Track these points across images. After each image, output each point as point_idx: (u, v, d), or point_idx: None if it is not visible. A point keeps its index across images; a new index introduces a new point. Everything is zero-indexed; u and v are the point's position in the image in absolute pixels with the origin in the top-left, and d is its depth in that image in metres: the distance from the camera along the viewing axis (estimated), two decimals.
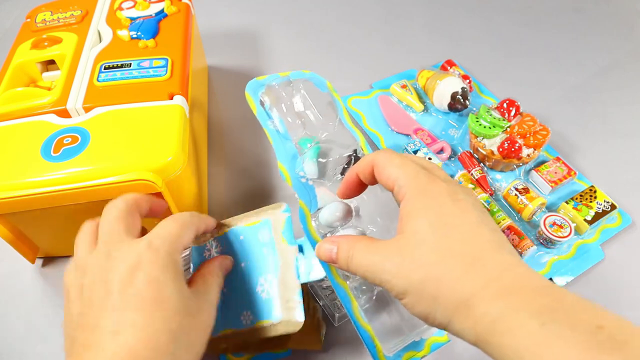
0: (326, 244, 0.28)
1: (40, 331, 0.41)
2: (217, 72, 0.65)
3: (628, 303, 0.42)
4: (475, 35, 0.71)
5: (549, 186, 0.48)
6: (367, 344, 0.31)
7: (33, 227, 0.40)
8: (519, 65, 0.66)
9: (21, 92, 0.41)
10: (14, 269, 0.44)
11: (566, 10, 0.76)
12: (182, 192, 0.39)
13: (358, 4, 0.78)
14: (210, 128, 0.57)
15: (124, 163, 0.36)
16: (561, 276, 0.43)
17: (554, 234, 0.43)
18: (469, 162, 0.50)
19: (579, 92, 0.62)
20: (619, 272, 0.44)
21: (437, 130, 0.56)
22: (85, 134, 0.37)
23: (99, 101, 0.40)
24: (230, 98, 0.62)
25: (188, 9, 0.51)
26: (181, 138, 0.38)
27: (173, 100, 0.40)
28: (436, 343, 0.33)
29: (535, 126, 0.49)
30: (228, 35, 0.72)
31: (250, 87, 0.38)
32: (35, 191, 0.34)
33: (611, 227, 0.46)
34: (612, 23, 0.73)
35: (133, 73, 0.42)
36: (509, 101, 0.50)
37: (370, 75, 0.63)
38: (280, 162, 0.35)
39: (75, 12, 0.49)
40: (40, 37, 0.46)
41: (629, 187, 0.50)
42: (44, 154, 0.36)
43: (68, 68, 0.43)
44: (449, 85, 0.54)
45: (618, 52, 0.68)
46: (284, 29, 0.73)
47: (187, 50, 0.46)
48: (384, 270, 0.25)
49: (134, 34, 0.46)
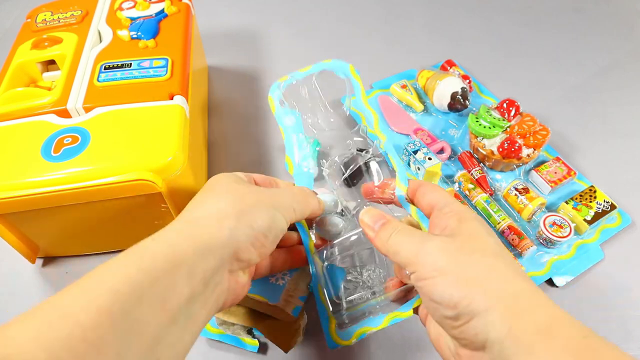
0: (376, 215, 0.30)
1: None
2: (217, 72, 0.65)
3: (628, 303, 0.42)
4: (475, 35, 0.71)
5: (549, 186, 0.48)
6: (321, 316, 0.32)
7: (33, 227, 0.40)
8: (519, 65, 0.66)
9: (21, 92, 0.41)
10: (14, 269, 0.44)
11: (566, 11, 0.76)
12: (182, 192, 0.39)
13: (358, 4, 0.78)
14: (210, 128, 0.57)
15: (124, 163, 0.36)
16: (561, 276, 0.43)
17: (554, 234, 0.43)
18: (469, 162, 0.50)
19: (579, 92, 0.62)
20: (619, 272, 0.44)
21: (437, 130, 0.56)
22: (86, 134, 0.37)
23: (99, 101, 0.40)
24: (230, 98, 0.62)
25: (188, 9, 0.51)
26: (181, 138, 0.38)
27: (173, 101, 0.40)
28: (397, 318, 0.33)
29: (535, 126, 0.49)
30: (228, 35, 0.72)
31: (272, 90, 0.39)
32: (36, 191, 0.35)
33: (611, 227, 0.46)
34: (612, 23, 0.73)
35: (133, 73, 0.42)
36: (508, 101, 0.50)
37: (370, 75, 0.63)
38: (288, 155, 0.37)
39: (76, 12, 0.50)
40: (41, 37, 0.46)
41: (628, 187, 0.50)
42: (44, 154, 0.36)
43: (68, 68, 0.43)
44: (449, 85, 0.54)
45: (618, 52, 0.68)
46: (284, 29, 0.73)
47: (187, 50, 0.46)
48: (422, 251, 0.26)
49: (134, 34, 0.46)
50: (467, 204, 0.46)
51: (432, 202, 0.29)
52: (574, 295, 0.42)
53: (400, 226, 0.28)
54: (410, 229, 0.28)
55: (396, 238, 0.28)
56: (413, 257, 0.26)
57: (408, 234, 0.27)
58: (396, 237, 0.28)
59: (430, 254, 0.25)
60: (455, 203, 0.28)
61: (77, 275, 0.43)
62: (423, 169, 0.48)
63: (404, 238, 0.27)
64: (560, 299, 0.42)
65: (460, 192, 0.48)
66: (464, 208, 0.28)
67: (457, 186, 0.49)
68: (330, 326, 0.32)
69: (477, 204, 0.46)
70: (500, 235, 0.44)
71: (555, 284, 0.42)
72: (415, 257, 0.26)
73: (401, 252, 0.27)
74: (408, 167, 0.51)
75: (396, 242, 0.27)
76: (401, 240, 0.27)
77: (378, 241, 0.29)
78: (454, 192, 0.47)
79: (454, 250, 0.25)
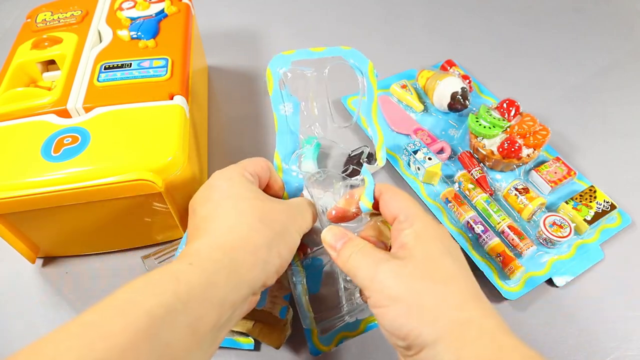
0: (337, 234, 0.29)
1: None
2: (217, 72, 0.65)
3: (628, 303, 0.42)
4: (475, 35, 0.71)
5: (549, 186, 0.48)
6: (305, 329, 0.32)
7: (33, 227, 0.40)
8: (519, 65, 0.66)
9: (21, 92, 0.41)
10: (14, 269, 0.44)
11: (566, 11, 0.76)
12: (182, 192, 0.39)
13: (358, 4, 0.78)
14: (210, 128, 0.57)
15: (124, 163, 0.36)
16: (561, 276, 0.43)
17: (554, 234, 0.43)
18: (469, 162, 0.50)
19: (579, 92, 0.62)
20: (619, 272, 0.44)
21: (437, 130, 0.56)
22: (86, 134, 0.37)
23: (99, 101, 0.40)
24: (230, 98, 0.62)
25: (188, 9, 0.51)
26: (181, 138, 0.38)
27: (173, 100, 0.40)
28: (373, 323, 0.33)
29: (535, 126, 0.49)
30: (228, 35, 0.72)
31: (273, 63, 0.36)
32: (36, 191, 0.35)
33: (611, 227, 0.46)
34: (612, 23, 0.73)
35: (133, 73, 0.42)
36: (508, 101, 0.50)
37: None
38: (278, 151, 0.35)
39: (76, 12, 0.50)
40: (41, 37, 0.46)
41: (628, 187, 0.50)
42: (44, 154, 0.36)
43: (68, 68, 0.43)
44: (448, 85, 0.54)
45: (618, 52, 0.68)
46: (284, 29, 0.73)
47: (187, 50, 0.46)
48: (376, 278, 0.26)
49: (134, 34, 0.46)
50: (467, 203, 0.46)
51: (393, 212, 0.29)
52: (574, 295, 0.42)
53: (360, 245, 0.28)
54: (368, 249, 0.28)
55: (355, 259, 0.27)
56: (368, 282, 0.26)
57: (365, 255, 0.27)
58: (355, 258, 0.27)
59: (382, 281, 0.25)
60: (415, 216, 0.28)
61: (77, 275, 0.44)
62: (423, 169, 0.48)
63: (362, 260, 0.27)
64: (560, 299, 0.42)
65: (460, 192, 0.48)
66: (422, 223, 0.27)
67: (457, 186, 0.49)
68: (312, 335, 0.33)
69: (477, 204, 0.46)
70: (500, 235, 0.44)
71: (555, 284, 0.42)
72: (370, 282, 0.26)
73: (358, 275, 0.27)
74: (408, 167, 0.51)
75: (354, 264, 0.27)
76: (359, 263, 0.27)
77: (339, 261, 0.29)
78: (454, 192, 0.47)
79: (406, 275, 0.25)
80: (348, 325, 0.33)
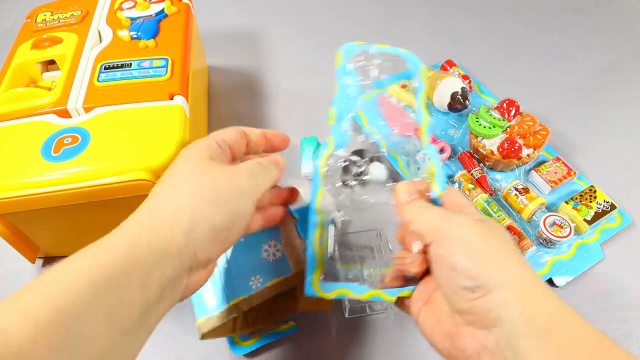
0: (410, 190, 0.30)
1: None
2: (217, 72, 0.65)
3: (628, 303, 0.42)
4: (475, 35, 0.71)
5: (549, 186, 0.48)
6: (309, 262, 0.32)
7: (33, 227, 0.40)
8: (519, 65, 0.66)
9: (21, 92, 0.41)
10: (14, 269, 0.44)
11: (566, 11, 0.76)
12: None
13: (358, 4, 0.78)
14: (210, 128, 0.57)
15: (124, 163, 0.36)
16: (561, 276, 0.43)
17: (554, 234, 0.43)
18: (469, 162, 0.50)
19: (579, 92, 0.62)
20: (619, 272, 0.44)
21: (437, 130, 0.56)
22: (86, 134, 0.37)
23: (99, 101, 0.40)
24: (230, 98, 0.62)
25: (188, 9, 0.51)
26: (181, 138, 0.38)
27: (173, 101, 0.40)
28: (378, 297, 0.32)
29: (535, 126, 0.49)
30: (228, 35, 0.72)
31: (347, 49, 0.40)
32: (36, 191, 0.35)
33: (611, 227, 0.46)
34: (612, 23, 0.73)
35: (133, 73, 0.42)
36: (508, 101, 0.50)
37: None
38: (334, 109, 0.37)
39: (76, 12, 0.50)
40: (41, 37, 0.46)
41: (628, 187, 0.50)
42: (44, 154, 0.36)
43: (68, 68, 0.43)
44: (449, 85, 0.54)
45: (618, 52, 0.68)
46: (284, 29, 0.73)
47: (187, 50, 0.46)
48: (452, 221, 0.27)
49: (134, 34, 0.46)
50: None
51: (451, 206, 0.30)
52: (574, 295, 0.42)
53: (430, 204, 0.30)
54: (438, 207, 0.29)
55: (424, 208, 0.29)
56: (439, 225, 0.27)
57: (436, 208, 0.29)
58: (424, 207, 0.29)
59: (458, 225, 0.26)
60: None
61: None
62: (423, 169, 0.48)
63: (432, 209, 0.28)
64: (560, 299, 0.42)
65: (460, 192, 0.48)
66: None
67: (457, 186, 0.49)
68: (314, 274, 0.31)
69: (477, 204, 0.46)
70: None
71: (555, 284, 0.42)
72: (441, 225, 0.27)
73: (427, 220, 0.28)
74: (408, 167, 0.51)
75: (423, 210, 0.28)
76: (429, 210, 0.28)
77: (407, 208, 0.29)
78: None
79: (479, 229, 0.26)
80: (355, 286, 0.33)
